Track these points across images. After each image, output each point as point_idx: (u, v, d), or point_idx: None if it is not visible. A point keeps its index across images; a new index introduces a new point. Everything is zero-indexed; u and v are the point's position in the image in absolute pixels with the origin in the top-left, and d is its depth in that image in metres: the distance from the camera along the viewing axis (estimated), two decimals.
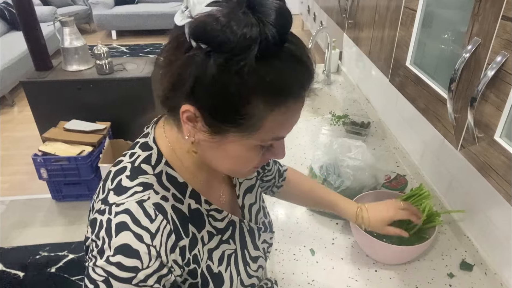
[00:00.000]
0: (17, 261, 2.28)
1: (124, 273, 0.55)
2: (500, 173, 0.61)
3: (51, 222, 2.59)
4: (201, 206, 0.68)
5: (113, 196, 0.59)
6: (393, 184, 1.42)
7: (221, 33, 0.48)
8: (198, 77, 0.51)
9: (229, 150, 0.59)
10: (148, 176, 0.62)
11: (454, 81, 0.68)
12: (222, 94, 0.52)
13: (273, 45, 0.49)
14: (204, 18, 0.49)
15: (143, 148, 0.65)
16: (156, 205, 0.60)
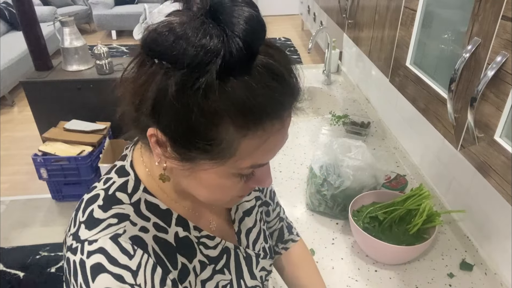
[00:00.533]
0: (17, 261, 2.28)
1: None
2: (500, 173, 0.61)
3: (51, 222, 2.59)
4: (190, 234, 0.61)
5: (84, 231, 0.53)
6: (393, 184, 1.42)
7: (175, 45, 0.41)
8: (158, 98, 0.44)
9: (203, 179, 0.52)
10: (124, 206, 0.55)
11: (454, 81, 0.68)
12: (183, 117, 0.44)
13: (239, 59, 0.42)
14: (157, 28, 0.43)
15: (119, 173, 0.58)
16: (134, 238, 0.53)
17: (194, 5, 0.44)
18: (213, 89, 0.42)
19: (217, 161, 0.48)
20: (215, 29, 0.42)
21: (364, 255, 1.16)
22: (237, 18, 0.42)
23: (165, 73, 0.43)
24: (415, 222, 1.11)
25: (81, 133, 2.66)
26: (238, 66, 0.43)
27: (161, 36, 0.42)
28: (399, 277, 1.09)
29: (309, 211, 1.33)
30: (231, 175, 0.52)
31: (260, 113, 0.45)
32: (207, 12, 0.43)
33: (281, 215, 0.89)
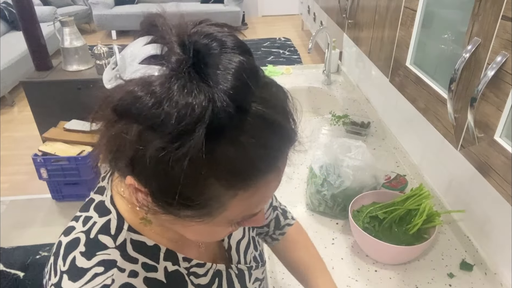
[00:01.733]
0: (17, 261, 2.28)
1: None
2: (500, 173, 0.61)
3: (51, 222, 2.59)
4: (179, 266, 0.57)
5: (68, 283, 0.48)
6: (393, 184, 1.42)
7: (156, 111, 0.36)
8: (135, 157, 0.39)
9: (190, 228, 0.48)
10: (109, 251, 0.50)
11: (454, 81, 0.68)
12: (168, 179, 0.39)
13: (229, 119, 0.37)
14: (134, 89, 0.37)
15: (98, 211, 0.53)
16: (124, 286, 0.49)
17: (174, 54, 0.38)
18: (199, 155, 0.37)
19: (204, 218, 0.44)
20: (200, 87, 0.36)
21: (364, 255, 1.16)
22: (225, 71, 0.37)
23: (140, 133, 0.38)
24: (415, 222, 1.11)
25: (81, 133, 2.66)
26: (227, 125, 0.37)
27: (139, 100, 0.36)
28: (399, 277, 1.09)
29: (309, 211, 1.33)
30: (222, 225, 0.48)
31: (252, 172, 0.41)
32: (189, 65, 0.37)
33: (274, 203, 0.87)
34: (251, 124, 0.39)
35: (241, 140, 0.39)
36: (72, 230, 0.53)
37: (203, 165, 0.38)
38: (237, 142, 0.39)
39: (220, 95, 0.36)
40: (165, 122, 0.36)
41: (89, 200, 0.55)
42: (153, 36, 0.41)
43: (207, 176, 0.39)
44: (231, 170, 0.40)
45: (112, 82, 0.40)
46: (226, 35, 0.40)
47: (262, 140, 0.40)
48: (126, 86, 0.38)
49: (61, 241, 0.52)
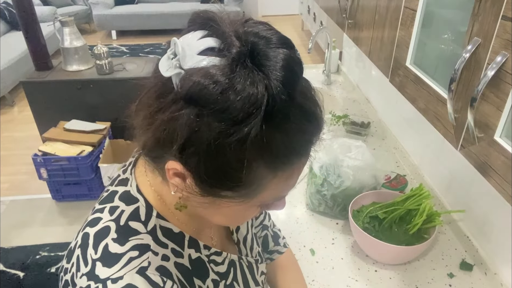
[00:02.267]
0: (17, 261, 2.28)
1: None
2: (500, 173, 0.61)
3: (51, 222, 2.59)
4: (201, 254, 0.60)
5: (102, 269, 0.48)
6: (393, 184, 1.42)
7: (222, 99, 0.40)
8: (189, 140, 0.42)
9: (223, 210, 0.51)
10: (142, 236, 0.52)
11: (454, 81, 0.68)
12: (218, 161, 0.43)
13: (281, 107, 0.41)
14: (200, 78, 0.40)
15: (125, 200, 0.54)
16: (160, 269, 0.51)
17: (234, 47, 0.42)
18: (254, 139, 0.41)
19: (243, 200, 0.48)
20: (258, 77, 0.40)
21: (364, 255, 1.16)
22: (277, 61, 0.41)
23: (198, 116, 0.41)
24: (415, 222, 1.11)
25: (81, 133, 2.66)
26: (279, 112, 0.42)
27: (206, 88, 0.40)
28: (399, 277, 1.09)
29: (309, 211, 1.33)
30: (253, 207, 0.52)
31: (293, 155, 0.46)
32: (247, 56, 0.41)
33: (265, 222, 0.88)
34: (294, 115, 0.43)
35: (286, 126, 0.43)
36: (99, 220, 0.53)
37: (255, 148, 0.42)
38: (284, 128, 0.43)
39: (275, 84, 0.40)
40: (229, 108, 0.40)
41: (111, 192, 0.56)
42: (209, 30, 0.45)
43: (256, 159, 0.43)
44: (277, 153, 0.44)
45: (171, 71, 0.43)
46: (272, 32, 0.44)
47: (303, 126, 0.45)
48: (191, 76, 0.41)
49: (88, 232, 0.52)
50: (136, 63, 2.93)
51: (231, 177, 0.44)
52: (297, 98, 0.43)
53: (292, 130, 0.44)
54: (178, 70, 0.43)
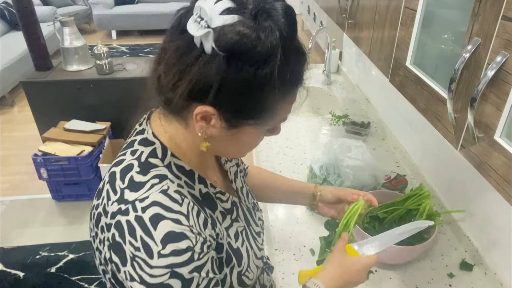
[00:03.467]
0: (17, 261, 2.28)
1: (183, 256, 0.56)
2: (500, 173, 0.61)
3: (51, 222, 2.59)
4: (209, 190, 0.70)
5: (130, 193, 0.58)
6: (393, 184, 1.42)
7: (252, 48, 0.52)
8: (223, 82, 0.53)
9: (241, 139, 0.63)
10: (160, 168, 0.62)
11: (454, 81, 0.68)
12: (248, 96, 0.56)
13: (289, 48, 0.55)
14: (232, 35, 0.52)
15: (144, 143, 0.65)
16: (177, 191, 0.61)
17: (249, 4, 0.54)
18: (274, 72, 0.54)
19: (261, 124, 0.61)
20: (272, 26, 0.53)
21: None
22: (279, 12, 0.54)
23: (227, 61, 0.52)
24: None
25: (81, 133, 2.66)
26: (290, 49, 0.55)
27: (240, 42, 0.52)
28: (399, 277, 1.09)
29: (309, 211, 1.33)
30: (263, 132, 0.65)
31: (296, 82, 0.60)
32: (259, 12, 0.53)
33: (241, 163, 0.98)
34: (295, 52, 0.58)
35: (292, 62, 0.57)
36: (123, 161, 0.63)
37: (274, 81, 0.55)
38: (291, 63, 0.57)
39: (284, 28, 0.54)
40: (257, 53, 0.52)
41: (130, 141, 0.67)
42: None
43: (274, 89, 0.56)
44: (286, 82, 0.57)
45: (201, 31, 0.53)
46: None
47: (300, 62, 0.60)
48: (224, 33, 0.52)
49: (114, 171, 0.62)
50: (136, 63, 2.93)
51: (256, 108, 0.58)
52: (297, 36, 0.57)
53: (295, 64, 0.58)
54: (207, 29, 0.52)
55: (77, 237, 2.43)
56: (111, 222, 0.58)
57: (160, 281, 0.55)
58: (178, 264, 0.55)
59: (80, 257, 2.30)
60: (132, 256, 0.55)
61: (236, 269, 0.69)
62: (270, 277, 0.92)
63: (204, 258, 0.59)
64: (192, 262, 0.57)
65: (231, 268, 0.69)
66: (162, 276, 0.55)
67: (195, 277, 0.57)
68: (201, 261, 0.58)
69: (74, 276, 2.19)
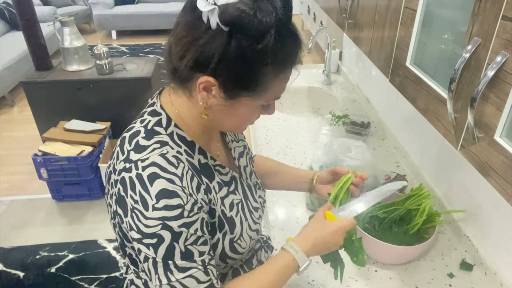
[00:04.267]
0: (17, 261, 2.28)
1: (174, 211, 0.63)
2: (500, 173, 0.61)
3: (51, 222, 2.59)
4: (208, 161, 0.76)
5: (134, 155, 0.66)
6: None
7: (253, 23, 0.58)
8: (224, 55, 0.60)
9: (237, 111, 0.69)
10: (162, 136, 0.69)
11: (454, 81, 0.68)
12: (244, 68, 0.62)
13: (283, 26, 0.61)
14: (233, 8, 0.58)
15: (152, 114, 0.72)
16: (175, 156, 0.68)
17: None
18: (268, 49, 0.60)
19: (255, 97, 0.66)
20: (269, 6, 0.59)
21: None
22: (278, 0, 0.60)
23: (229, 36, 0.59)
24: (415, 222, 1.11)
25: (81, 133, 2.66)
26: (284, 28, 0.62)
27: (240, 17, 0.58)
28: (399, 277, 1.09)
29: (309, 211, 1.33)
30: (258, 107, 0.70)
31: (289, 62, 0.66)
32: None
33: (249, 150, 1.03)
34: (289, 34, 0.64)
35: (286, 43, 0.63)
36: (133, 128, 0.72)
37: (268, 56, 0.61)
38: (285, 43, 0.62)
39: (280, 11, 0.60)
40: (255, 29, 0.59)
41: (142, 112, 0.75)
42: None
43: (268, 64, 0.62)
44: (281, 60, 0.64)
45: (209, 6, 0.59)
46: None
47: (293, 44, 0.66)
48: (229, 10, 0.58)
49: (125, 136, 0.71)
50: (136, 63, 2.93)
51: (251, 80, 0.64)
52: (291, 21, 0.63)
53: (289, 45, 0.64)
54: (213, 6, 0.59)
55: (77, 237, 2.43)
56: (117, 178, 0.66)
57: (153, 231, 0.62)
58: (169, 217, 0.62)
59: (80, 257, 2.30)
60: (132, 208, 0.63)
61: (228, 235, 0.76)
62: (268, 254, 0.98)
63: (193, 217, 0.65)
64: (182, 218, 0.63)
65: (224, 234, 0.75)
66: (155, 226, 0.62)
67: (184, 232, 0.64)
68: (191, 218, 0.65)
69: (74, 276, 2.19)
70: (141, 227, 0.63)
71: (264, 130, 1.82)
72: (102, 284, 2.15)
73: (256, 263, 0.91)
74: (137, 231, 0.64)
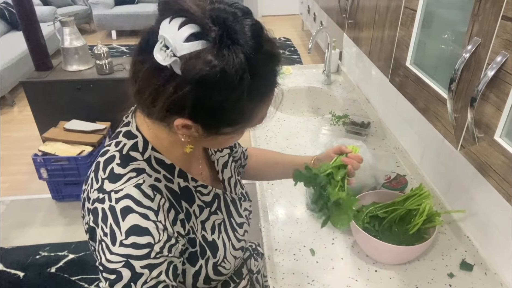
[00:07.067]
0: (17, 261, 2.28)
1: (141, 250, 0.60)
2: (500, 173, 0.61)
3: (51, 222, 2.59)
4: (189, 184, 0.73)
5: (108, 184, 0.63)
6: (393, 184, 1.43)
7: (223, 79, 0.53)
8: (198, 102, 0.56)
9: (223, 138, 0.66)
10: (139, 162, 0.66)
11: (454, 81, 0.68)
12: (222, 113, 0.58)
13: (258, 63, 0.55)
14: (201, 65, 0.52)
15: (127, 136, 0.68)
16: (152, 186, 0.65)
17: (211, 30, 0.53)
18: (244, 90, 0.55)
19: (238, 128, 0.64)
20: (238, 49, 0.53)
21: (364, 255, 1.16)
22: (244, 29, 0.54)
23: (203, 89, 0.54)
24: (415, 222, 1.11)
25: (81, 133, 2.66)
26: (258, 66, 0.56)
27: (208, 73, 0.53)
28: (399, 277, 1.09)
29: (309, 211, 1.33)
30: (241, 133, 0.67)
31: (271, 89, 0.63)
32: (224, 37, 0.53)
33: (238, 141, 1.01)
34: (266, 60, 0.58)
35: (265, 73, 0.59)
36: (107, 152, 0.68)
37: (248, 95, 0.56)
38: (262, 72, 0.58)
39: (248, 47, 0.54)
40: (226, 79, 0.53)
41: (117, 132, 0.71)
42: (184, 17, 0.54)
43: (249, 100, 0.58)
44: (262, 91, 0.61)
45: (168, 60, 0.53)
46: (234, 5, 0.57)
47: (273, 66, 0.60)
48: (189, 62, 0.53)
49: (99, 161, 0.67)
50: None
51: (232, 119, 0.61)
52: (264, 47, 0.56)
53: (268, 72, 0.60)
54: (174, 58, 0.53)
55: (77, 237, 2.43)
56: (90, 208, 0.64)
57: (114, 267, 0.59)
58: (134, 256, 0.59)
59: (80, 257, 2.30)
60: (100, 240, 0.61)
61: (211, 260, 0.75)
62: (258, 262, 0.97)
63: (160, 259, 0.62)
64: (148, 258, 0.60)
65: (206, 260, 0.74)
66: (117, 263, 0.59)
67: (145, 274, 0.60)
68: (157, 260, 0.61)
69: (74, 276, 2.19)
70: (103, 260, 0.60)
71: (264, 130, 1.82)
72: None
73: (246, 272, 0.90)
74: (99, 263, 0.61)
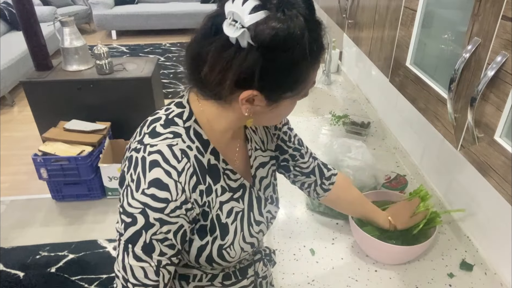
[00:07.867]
0: (17, 261, 2.28)
1: (158, 203, 0.65)
2: (500, 173, 0.61)
3: (51, 222, 2.59)
4: (219, 163, 0.76)
5: (148, 139, 0.70)
6: (393, 184, 1.42)
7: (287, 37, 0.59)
8: (264, 69, 0.61)
9: (279, 110, 0.71)
10: (179, 128, 0.72)
11: (454, 81, 0.68)
12: (286, 75, 0.64)
13: (313, 28, 0.63)
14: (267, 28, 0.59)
15: (177, 105, 0.75)
16: (182, 150, 0.70)
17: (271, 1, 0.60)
18: (305, 52, 0.62)
19: (296, 94, 0.69)
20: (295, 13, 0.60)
21: (364, 255, 1.16)
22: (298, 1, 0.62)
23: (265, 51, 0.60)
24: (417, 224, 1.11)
25: (81, 133, 2.66)
26: (312, 30, 0.62)
27: (276, 35, 0.59)
28: (399, 277, 1.09)
29: (309, 211, 1.33)
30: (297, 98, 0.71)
31: (321, 51, 0.67)
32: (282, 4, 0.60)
33: (314, 155, 1.03)
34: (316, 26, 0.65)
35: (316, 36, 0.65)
36: (157, 113, 0.75)
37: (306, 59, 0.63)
38: (316, 37, 0.64)
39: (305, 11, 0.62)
40: (291, 40, 0.60)
41: (172, 101, 0.77)
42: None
43: (306, 63, 0.64)
44: (316, 53, 0.65)
45: (237, 32, 0.59)
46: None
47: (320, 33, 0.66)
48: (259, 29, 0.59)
49: (148, 119, 0.74)
50: (136, 63, 2.93)
51: (293, 82, 0.66)
52: (315, 9, 0.64)
53: (319, 36, 0.65)
54: (242, 29, 0.59)
55: (77, 237, 2.43)
56: (128, 155, 0.70)
57: (132, 212, 0.65)
58: (151, 207, 0.64)
59: (80, 257, 2.30)
60: (127, 184, 0.67)
61: (218, 241, 0.77)
62: (267, 268, 0.97)
63: (172, 219, 0.66)
64: (161, 213, 0.65)
65: (214, 238, 0.76)
66: (136, 208, 0.65)
67: (156, 226, 0.65)
68: (169, 218, 0.66)
69: (74, 276, 2.19)
70: (125, 203, 0.66)
71: None
72: (102, 284, 2.15)
73: (252, 273, 0.91)
74: (120, 205, 0.67)
